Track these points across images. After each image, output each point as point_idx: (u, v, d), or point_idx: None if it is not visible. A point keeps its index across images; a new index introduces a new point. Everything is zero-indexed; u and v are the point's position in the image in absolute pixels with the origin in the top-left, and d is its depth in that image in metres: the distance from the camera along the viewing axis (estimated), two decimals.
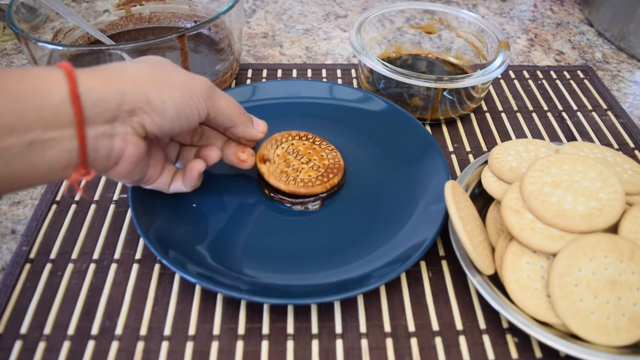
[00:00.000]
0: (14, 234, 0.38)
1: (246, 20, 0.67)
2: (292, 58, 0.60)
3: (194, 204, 0.39)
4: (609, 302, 0.29)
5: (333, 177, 0.41)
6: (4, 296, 0.33)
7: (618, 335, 0.29)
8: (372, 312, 0.34)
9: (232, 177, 0.42)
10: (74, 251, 0.37)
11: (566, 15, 0.72)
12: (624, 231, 0.32)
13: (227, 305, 0.34)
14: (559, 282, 0.30)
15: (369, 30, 0.52)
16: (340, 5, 0.72)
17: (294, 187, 0.39)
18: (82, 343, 0.32)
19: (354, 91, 0.48)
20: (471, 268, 0.33)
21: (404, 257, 0.34)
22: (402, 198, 0.40)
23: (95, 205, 0.40)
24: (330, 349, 0.32)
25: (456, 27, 0.55)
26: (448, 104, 0.48)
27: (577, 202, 0.32)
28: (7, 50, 0.58)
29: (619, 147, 0.48)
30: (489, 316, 0.34)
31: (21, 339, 0.32)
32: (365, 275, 0.34)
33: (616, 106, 0.53)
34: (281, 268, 0.35)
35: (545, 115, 0.52)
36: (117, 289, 0.35)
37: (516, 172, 0.37)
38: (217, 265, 0.34)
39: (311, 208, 0.40)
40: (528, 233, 0.32)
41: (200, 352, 0.32)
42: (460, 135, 0.49)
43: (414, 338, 0.33)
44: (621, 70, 0.61)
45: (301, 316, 0.34)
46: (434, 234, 0.35)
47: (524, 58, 0.62)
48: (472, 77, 0.45)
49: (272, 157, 0.41)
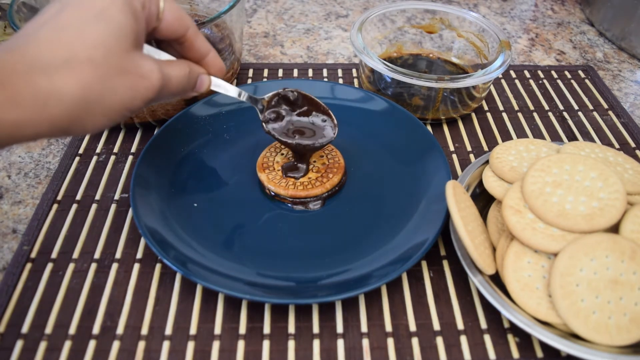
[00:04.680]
0: (15, 233, 0.38)
1: (247, 20, 0.67)
2: (293, 58, 0.60)
3: (195, 204, 0.39)
4: (611, 302, 0.29)
5: (333, 177, 0.41)
6: (5, 296, 0.33)
7: (619, 335, 0.29)
8: (373, 311, 0.34)
9: (233, 177, 0.42)
10: (75, 251, 0.37)
11: (567, 15, 0.72)
12: (625, 231, 0.32)
13: (228, 304, 0.34)
14: (560, 282, 0.30)
15: (370, 29, 0.52)
16: (341, 4, 0.72)
17: (293, 191, 0.39)
18: (83, 343, 0.32)
19: (355, 91, 0.48)
20: (472, 268, 0.33)
21: (405, 256, 0.34)
22: (403, 197, 0.40)
23: (96, 205, 0.40)
24: (332, 348, 0.32)
25: (457, 26, 0.54)
26: (449, 104, 0.48)
27: (578, 202, 0.32)
28: None
29: (620, 147, 0.48)
30: (490, 316, 0.34)
31: (22, 338, 0.32)
32: (366, 275, 0.34)
33: (617, 106, 0.53)
34: (282, 268, 0.35)
35: (547, 115, 0.52)
36: (118, 288, 0.35)
37: (517, 171, 0.37)
38: (218, 265, 0.34)
39: (312, 208, 0.40)
40: (529, 233, 0.32)
41: (202, 351, 0.32)
42: (461, 135, 0.49)
43: (415, 338, 0.33)
44: (622, 70, 0.61)
45: (302, 316, 0.34)
46: (435, 233, 0.35)
47: (525, 58, 0.62)
48: (473, 77, 0.44)
49: (271, 164, 0.42)
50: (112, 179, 0.42)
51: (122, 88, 0.26)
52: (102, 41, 0.25)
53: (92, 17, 0.25)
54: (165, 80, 0.28)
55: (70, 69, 0.24)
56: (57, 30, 0.24)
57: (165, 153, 0.41)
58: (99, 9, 0.25)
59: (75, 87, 0.24)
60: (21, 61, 0.23)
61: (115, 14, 0.25)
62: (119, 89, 0.26)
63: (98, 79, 0.25)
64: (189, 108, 0.45)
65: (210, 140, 0.45)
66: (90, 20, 0.25)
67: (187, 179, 0.41)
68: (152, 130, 0.47)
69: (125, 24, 0.26)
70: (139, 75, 0.27)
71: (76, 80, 0.24)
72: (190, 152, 0.43)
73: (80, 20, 0.25)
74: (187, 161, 0.42)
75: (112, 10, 0.25)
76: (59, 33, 0.24)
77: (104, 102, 0.25)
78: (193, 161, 0.43)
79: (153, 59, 0.28)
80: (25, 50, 0.23)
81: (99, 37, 0.25)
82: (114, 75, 0.25)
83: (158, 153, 0.41)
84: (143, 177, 0.38)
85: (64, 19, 0.25)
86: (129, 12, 0.26)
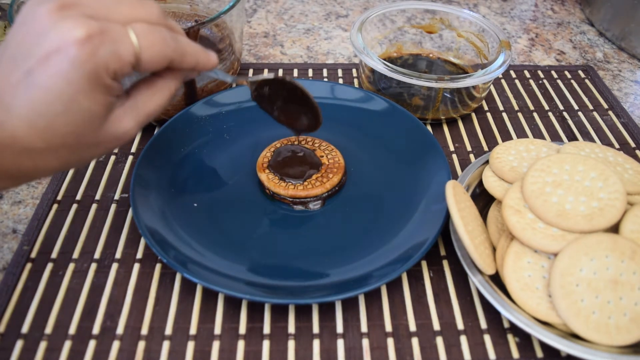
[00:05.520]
0: (15, 233, 0.38)
1: (247, 20, 0.67)
2: (293, 58, 0.60)
3: (195, 204, 0.39)
4: (611, 302, 0.29)
5: (333, 177, 0.41)
6: (5, 296, 0.33)
7: (619, 335, 0.29)
8: (373, 311, 0.34)
9: (233, 177, 0.42)
10: (75, 251, 0.37)
11: (567, 15, 0.72)
12: (625, 231, 0.32)
13: (228, 304, 0.34)
14: (560, 282, 0.30)
15: (370, 29, 0.52)
16: (341, 4, 0.72)
17: (293, 191, 0.39)
18: (83, 343, 0.32)
19: (355, 91, 0.48)
20: (472, 268, 0.33)
21: (405, 256, 0.34)
22: (403, 197, 0.40)
23: (96, 205, 0.40)
24: (332, 348, 0.32)
25: (457, 26, 0.54)
26: (449, 104, 0.48)
27: (578, 202, 0.32)
28: None
29: (620, 147, 0.48)
30: (490, 316, 0.34)
31: (22, 338, 0.32)
32: (366, 275, 0.34)
33: (617, 106, 0.53)
34: (282, 267, 0.35)
35: (546, 115, 0.52)
36: (118, 288, 0.35)
37: (517, 171, 0.37)
38: (218, 265, 0.34)
39: (312, 208, 0.40)
40: (529, 233, 0.32)
41: (202, 351, 0.32)
42: (461, 135, 0.49)
43: (415, 338, 0.33)
44: (622, 70, 0.61)
45: (302, 316, 0.34)
46: (435, 233, 0.35)
47: (525, 58, 0.62)
48: (473, 77, 0.44)
49: (274, 164, 0.41)
50: (112, 179, 0.42)
51: (97, 152, 0.28)
52: (73, 131, 0.26)
53: (61, 110, 0.25)
54: (143, 122, 0.29)
55: (49, 154, 0.26)
56: (31, 115, 0.25)
57: (165, 153, 0.41)
58: (67, 99, 0.25)
59: (55, 164, 0.27)
60: (5, 144, 0.25)
61: (84, 103, 0.25)
62: (95, 153, 0.28)
63: (75, 156, 0.27)
64: (189, 108, 0.45)
65: (210, 140, 0.45)
66: (59, 113, 0.25)
67: (187, 179, 0.41)
68: (152, 130, 0.47)
69: (94, 109, 0.26)
70: (114, 139, 0.28)
71: (55, 160, 0.27)
72: (190, 152, 0.43)
73: (50, 111, 0.25)
74: (187, 161, 0.42)
75: (80, 100, 0.25)
76: (33, 121, 0.25)
77: (82, 162, 0.29)
78: (193, 161, 0.43)
79: (129, 115, 0.28)
80: (7, 131, 0.25)
81: (69, 128, 0.26)
82: (89, 149, 0.28)
83: (158, 153, 0.41)
84: (143, 177, 0.38)
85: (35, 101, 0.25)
86: (99, 93, 0.26)
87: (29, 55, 0.25)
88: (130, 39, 0.26)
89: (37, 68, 0.24)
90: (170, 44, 0.28)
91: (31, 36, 0.25)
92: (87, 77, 0.25)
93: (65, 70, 0.24)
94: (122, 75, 0.26)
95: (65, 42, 0.24)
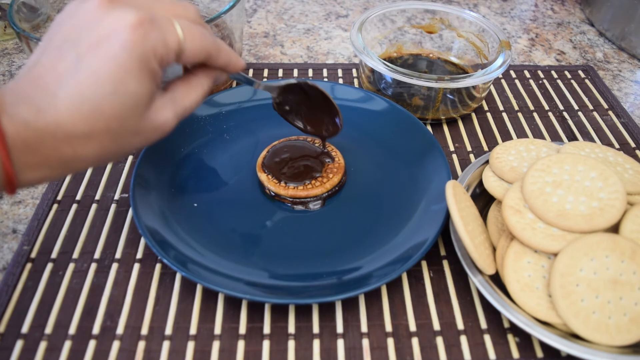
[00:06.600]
0: (15, 233, 0.38)
1: (247, 20, 0.67)
2: (293, 58, 0.60)
3: (195, 204, 0.39)
4: (610, 302, 0.29)
5: (333, 177, 0.41)
6: (5, 295, 0.33)
7: (619, 335, 0.29)
8: (373, 311, 0.34)
9: (233, 177, 0.42)
10: (75, 251, 0.37)
11: (567, 15, 0.72)
12: (625, 231, 0.32)
13: (228, 304, 0.34)
14: (560, 282, 0.30)
15: (370, 29, 0.52)
16: (341, 4, 0.72)
17: (293, 191, 0.39)
18: (83, 343, 0.32)
19: (355, 91, 0.48)
20: (472, 268, 0.33)
21: (405, 256, 0.34)
22: (403, 197, 0.40)
23: (96, 205, 0.40)
24: (332, 348, 0.32)
25: (457, 26, 0.54)
26: (449, 104, 0.48)
27: (578, 202, 0.32)
28: (8, 49, 0.58)
29: (620, 147, 0.48)
30: (490, 316, 0.34)
31: (22, 338, 0.32)
32: (367, 275, 0.34)
33: (617, 106, 0.53)
34: (282, 267, 0.35)
35: (547, 115, 0.52)
36: (118, 288, 0.35)
37: (517, 171, 0.37)
38: (218, 265, 0.34)
39: (312, 208, 0.40)
40: (529, 233, 0.32)
41: (202, 351, 0.32)
42: (461, 135, 0.49)
43: (415, 338, 0.33)
44: (622, 70, 0.61)
45: (302, 316, 0.34)
46: (435, 233, 0.35)
47: (525, 58, 0.62)
48: (473, 77, 0.44)
49: (272, 165, 0.41)
50: (112, 179, 0.42)
51: (136, 142, 0.29)
52: (118, 114, 0.26)
53: (109, 91, 0.25)
54: (180, 116, 0.30)
55: (90, 140, 0.26)
56: (77, 99, 0.25)
57: (165, 153, 0.41)
58: (116, 81, 0.25)
59: (94, 152, 0.27)
60: (47, 131, 0.25)
61: (131, 86, 0.26)
62: (134, 144, 0.29)
63: (115, 144, 0.27)
64: None
65: (210, 140, 0.45)
66: (107, 95, 0.25)
67: (187, 179, 0.41)
68: None
69: (141, 93, 0.27)
70: (153, 129, 0.29)
71: (95, 147, 0.26)
72: (190, 152, 0.43)
73: (98, 93, 0.25)
74: (187, 161, 0.42)
75: (128, 82, 0.26)
76: (79, 105, 0.25)
77: (119, 155, 0.29)
78: (193, 161, 0.43)
79: (168, 107, 0.29)
80: (50, 117, 0.25)
81: (116, 111, 0.26)
82: (130, 137, 0.28)
83: (158, 153, 0.41)
84: (143, 177, 0.38)
85: (83, 84, 0.25)
86: (146, 77, 0.26)
87: (78, 43, 0.25)
88: (175, 29, 0.27)
89: (87, 53, 0.25)
90: (209, 39, 0.29)
91: (80, 27, 0.26)
92: (138, 60, 0.26)
93: (117, 52, 0.25)
94: (166, 63, 0.27)
95: (119, 27, 0.25)
